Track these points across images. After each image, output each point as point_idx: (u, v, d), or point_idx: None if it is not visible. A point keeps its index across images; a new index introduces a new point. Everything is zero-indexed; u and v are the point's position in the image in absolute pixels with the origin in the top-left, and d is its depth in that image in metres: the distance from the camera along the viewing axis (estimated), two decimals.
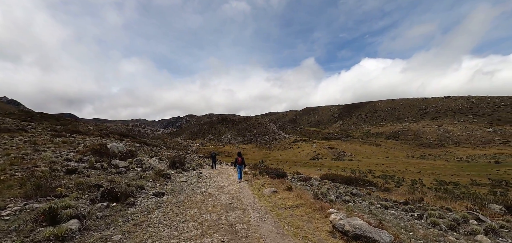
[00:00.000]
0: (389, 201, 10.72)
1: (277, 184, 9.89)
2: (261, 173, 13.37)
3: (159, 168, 11.73)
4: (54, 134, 27.19)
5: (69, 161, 11.41)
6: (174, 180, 9.68)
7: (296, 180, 14.60)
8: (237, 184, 10.65)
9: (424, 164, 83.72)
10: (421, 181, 49.88)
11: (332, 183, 20.36)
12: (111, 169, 10.34)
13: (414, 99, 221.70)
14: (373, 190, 15.13)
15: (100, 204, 5.39)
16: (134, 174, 9.90)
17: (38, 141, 18.76)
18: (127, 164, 11.40)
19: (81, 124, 58.20)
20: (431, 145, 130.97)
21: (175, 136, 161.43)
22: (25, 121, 39.38)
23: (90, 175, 9.24)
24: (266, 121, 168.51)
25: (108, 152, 12.75)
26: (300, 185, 12.46)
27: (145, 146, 34.39)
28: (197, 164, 19.02)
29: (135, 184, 7.24)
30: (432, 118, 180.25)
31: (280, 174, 12.44)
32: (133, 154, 14.76)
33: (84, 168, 10.25)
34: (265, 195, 7.72)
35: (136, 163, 12.48)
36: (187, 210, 5.83)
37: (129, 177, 9.03)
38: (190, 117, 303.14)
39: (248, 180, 11.76)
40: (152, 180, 8.66)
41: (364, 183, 20.28)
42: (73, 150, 14.79)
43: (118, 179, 8.58)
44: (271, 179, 11.70)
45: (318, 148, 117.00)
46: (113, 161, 11.39)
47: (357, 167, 73.54)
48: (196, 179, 10.95)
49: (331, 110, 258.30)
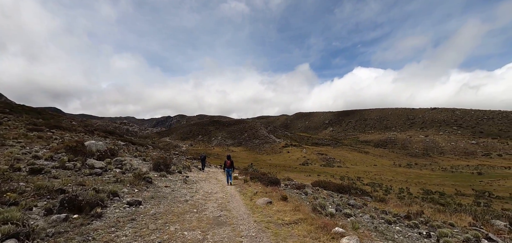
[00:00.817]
0: (389, 213, 10.04)
1: (270, 193, 9.00)
2: (252, 179, 12.46)
3: (140, 171, 10.61)
4: (31, 128, 25.39)
5: (38, 159, 10.14)
6: (155, 185, 8.61)
7: (289, 187, 13.76)
8: (227, 191, 9.70)
9: (410, 173, 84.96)
10: (408, 190, 50.23)
11: (325, 191, 19.66)
12: (84, 170, 9.16)
13: (402, 109, 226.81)
14: (368, 200, 14.48)
15: (57, 216, 4.34)
16: (111, 176, 8.78)
17: (10, 135, 17.17)
18: (104, 165, 10.23)
19: (65, 119, 55.59)
20: (417, 154, 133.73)
21: (165, 136, 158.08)
22: (3, 113, 36.98)
23: (58, 176, 8.08)
24: (257, 125, 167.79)
25: (85, 150, 11.52)
26: (294, 193, 11.64)
27: (131, 145, 32.84)
28: (184, 166, 17.87)
29: (108, 189, 6.18)
30: (419, 128, 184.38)
31: (273, 181, 11.59)
32: (114, 154, 13.53)
33: (53, 167, 9.05)
34: (259, 207, 6.81)
35: (115, 164, 11.30)
36: (166, 224, 4.83)
37: (104, 181, 7.92)
38: (180, 117, 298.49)
39: (239, 187, 10.81)
40: (129, 184, 7.58)
41: (357, 191, 19.69)
42: (46, 147, 13.44)
43: (90, 182, 7.47)
44: (264, 187, 10.81)
45: (308, 153, 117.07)
46: (88, 160, 10.20)
47: (346, 174, 73.67)
48: (181, 184, 9.90)
49: (322, 116, 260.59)
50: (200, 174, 16.63)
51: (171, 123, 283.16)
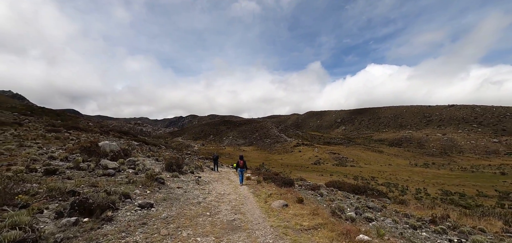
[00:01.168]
0: (411, 217, 9.45)
1: (285, 195, 8.64)
2: (266, 179, 12.14)
3: (153, 171, 10.52)
4: (49, 129, 26.14)
5: (53, 160, 10.25)
6: (168, 186, 8.45)
7: (303, 188, 13.33)
8: (240, 192, 9.42)
9: (427, 172, 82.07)
10: (425, 190, 48.43)
11: (340, 192, 19.06)
12: (98, 170, 9.15)
13: (417, 107, 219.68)
14: (386, 202, 13.82)
15: (67, 220, 4.18)
16: (124, 177, 8.70)
17: (29, 136, 17.64)
18: (117, 165, 10.20)
19: (82, 121, 57.32)
20: (435, 153, 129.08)
21: (177, 136, 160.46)
22: (24, 115, 38.44)
23: (72, 177, 8.06)
24: (268, 124, 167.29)
25: (99, 151, 11.58)
26: (309, 194, 11.22)
27: (144, 145, 33.27)
28: (196, 166, 17.77)
29: (120, 191, 6.03)
30: (436, 126, 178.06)
31: (287, 182, 11.22)
32: (127, 154, 13.57)
33: (68, 168, 9.08)
34: (274, 210, 6.47)
35: (128, 164, 11.28)
36: (178, 229, 4.59)
37: (116, 182, 7.82)
38: (192, 117, 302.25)
39: (252, 188, 10.51)
40: (142, 186, 7.44)
41: (373, 192, 18.95)
42: (62, 147, 13.66)
43: (103, 184, 7.38)
44: (278, 188, 10.46)
45: (320, 152, 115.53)
46: (102, 161, 10.21)
47: (360, 174, 72.02)
48: (193, 185, 9.72)
49: (334, 115, 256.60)
50: (212, 174, 16.47)
51: (183, 123, 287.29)
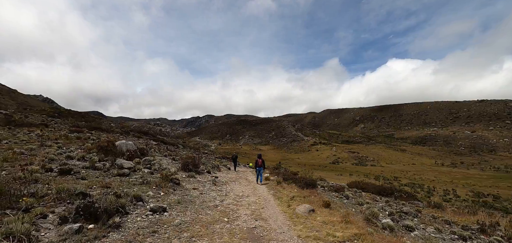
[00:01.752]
0: (453, 224, 8.34)
1: (309, 197, 7.88)
2: (286, 180, 11.41)
3: (168, 171, 10.14)
4: (73, 129, 26.89)
5: (70, 159, 10.15)
6: (183, 187, 7.96)
7: (326, 190, 12.44)
8: (259, 194, 8.78)
9: (456, 173, 77.34)
10: (454, 192, 45.47)
11: (363, 193, 17.89)
12: (113, 170, 8.87)
13: (443, 103, 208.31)
14: (419, 206, 12.61)
15: (69, 227, 3.72)
16: (138, 177, 8.33)
17: (52, 136, 18.08)
18: (133, 165, 9.91)
19: (104, 122, 59.42)
20: (463, 152, 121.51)
21: (194, 136, 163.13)
22: (52, 117, 40.21)
23: (86, 176, 7.80)
24: (284, 123, 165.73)
25: (115, 150, 11.41)
26: (334, 197, 10.35)
27: (162, 145, 33.56)
28: (213, 166, 17.35)
29: (132, 193, 5.58)
30: (464, 123, 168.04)
31: (309, 183, 10.42)
32: (144, 153, 13.37)
33: (83, 168, 8.87)
34: (300, 216, 5.75)
35: (144, 164, 10.98)
36: (192, 240, 4.00)
37: (130, 182, 7.44)
38: (209, 117, 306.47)
39: (272, 189, 9.82)
40: (156, 187, 6.98)
41: (401, 194, 17.58)
42: (81, 147, 13.72)
43: (116, 184, 7.02)
44: (300, 189, 9.71)
45: (338, 151, 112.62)
46: (118, 160, 9.97)
47: (381, 174, 69.19)
48: (210, 186, 9.19)
49: (352, 113, 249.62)
50: (229, 174, 15.97)
51: (200, 123, 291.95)
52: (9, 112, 38.48)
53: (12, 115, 35.05)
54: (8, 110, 41.48)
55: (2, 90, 74.26)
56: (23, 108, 49.77)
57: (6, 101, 60.27)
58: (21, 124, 27.19)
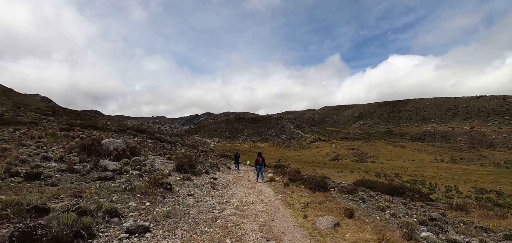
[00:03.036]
0: (489, 231, 7.14)
1: (325, 204, 6.62)
2: (293, 181, 10.14)
3: (161, 173, 8.86)
4: (64, 128, 25.46)
5: (47, 161, 8.83)
6: (176, 193, 6.65)
7: (337, 191, 11.19)
8: (266, 199, 7.50)
9: (456, 169, 76.70)
10: (456, 188, 44.63)
11: (372, 192, 16.70)
12: (94, 173, 7.56)
13: (442, 99, 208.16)
14: (439, 207, 11.40)
15: None
16: (123, 181, 7.03)
17: (36, 134, 16.71)
18: (119, 166, 8.60)
19: (101, 120, 57.80)
20: (462, 148, 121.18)
21: (193, 134, 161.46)
22: (46, 116, 38.62)
23: (58, 182, 6.49)
24: (284, 120, 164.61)
25: (101, 149, 10.09)
26: (348, 200, 9.10)
27: (159, 143, 32.23)
28: (211, 165, 16.05)
29: (106, 206, 4.28)
30: (463, 119, 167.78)
31: (320, 185, 9.14)
32: (135, 152, 12.04)
33: (59, 170, 7.55)
34: (323, 233, 4.47)
35: (133, 165, 9.67)
36: None
37: (111, 188, 6.14)
38: (207, 115, 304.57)
39: (280, 193, 8.53)
40: (140, 194, 5.68)
41: (413, 194, 16.38)
42: (65, 146, 12.38)
43: (92, 192, 5.73)
44: (311, 192, 8.46)
45: (338, 148, 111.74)
46: (101, 161, 8.66)
47: (382, 170, 68.31)
48: (208, 190, 7.88)
49: (351, 110, 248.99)
50: (229, 174, 14.69)
51: (199, 121, 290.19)
52: (1, 111, 36.93)
53: (4, 114, 33.50)
54: (0, 109, 39.95)
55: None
56: (17, 107, 48.12)
57: (2, 100, 58.52)
58: (9, 123, 25.70)
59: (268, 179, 11.50)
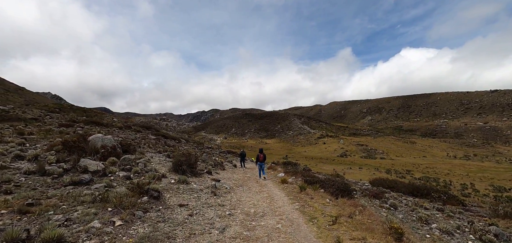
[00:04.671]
0: None
1: (357, 216, 5.05)
2: (309, 183, 8.53)
3: (153, 174, 7.42)
4: (64, 124, 24.43)
5: (19, 160, 7.51)
6: (165, 203, 5.16)
7: (360, 193, 9.54)
8: (279, 207, 5.97)
9: (470, 165, 73.60)
10: (473, 186, 42.27)
11: (393, 193, 14.98)
12: (67, 176, 6.17)
13: (454, 93, 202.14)
14: (481, 214, 9.67)
15: None
16: (101, 186, 5.60)
17: (26, 131, 15.60)
18: (102, 167, 7.20)
19: (107, 116, 57.16)
20: (476, 144, 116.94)
21: (200, 130, 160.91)
22: (52, 112, 37.90)
23: (17, 188, 5.12)
24: (290, 116, 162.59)
25: (86, 146, 8.73)
26: (379, 207, 7.49)
27: (162, 139, 31.12)
28: (215, 163, 14.57)
29: (51, 233, 2.83)
30: (476, 114, 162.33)
31: (342, 188, 7.52)
32: (128, 150, 10.66)
33: (27, 172, 6.20)
34: None
35: (122, 164, 8.26)
36: None
37: (80, 197, 4.71)
38: (214, 112, 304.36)
39: (296, 199, 6.94)
40: (114, 207, 4.21)
41: (440, 195, 14.59)
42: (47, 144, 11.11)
43: (50, 204, 4.30)
44: (332, 198, 6.90)
45: (346, 144, 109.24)
46: (82, 161, 7.28)
47: (392, 167, 65.97)
48: (207, 197, 6.38)
49: (359, 105, 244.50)
50: (235, 173, 13.20)
51: (206, 117, 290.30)
52: (8, 108, 36.35)
53: (10, 111, 32.87)
54: (6, 106, 39.44)
55: (10, 87, 72.97)
56: (25, 104, 47.77)
57: (14, 98, 58.50)
58: (9, 119, 24.83)
59: (279, 180, 9.97)
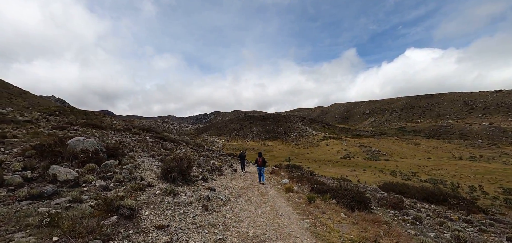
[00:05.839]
0: None
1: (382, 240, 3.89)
2: (318, 192, 7.30)
3: (136, 184, 6.29)
4: (58, 127, 23.42)
5: None
6: (138, 225, 4.02)
7: (375, 202, 8.34)
8: (286, 225, 4.82)
9: (477, 167, 71.78)
10: (481, 188, 40.78)
11: (406, 200, 13.73)
12: (25, 189, 5.05)
13: (457, 94, 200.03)
14: (501, 219, 8.41)
15: None
16: (64, 201, 4.49)
17: (11, 133, 14.60)
18: (76, 176, 6.09)
19: (107, 119, 56.20)
20: (481, 145, 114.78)
21: (202, 132, 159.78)
22: (52, 115, 36.94)
23: None
24: (293, 118, 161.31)
25: (62, 151, 7.64)
26: (401, 222, 6.31)
27: (161, 141, 30.10)
28: (213, 168, 13.39)
29: None
30: (480, 115, 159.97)
31: (357, 199, 6.35)
32: (115, 154, 9.54)
33: None
34: None
35: (100, 172, 7.14)
36: None
37: (26, 217, 3.60)
38: (216, 114, 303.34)
39: (304, 213, 5.75)
40: (61, 236, 3.09)
41: (458, 201, 13.31)
42: None
43: None
44: (348, 212, 5.74)
45: (349, 146, 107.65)
46: (53, 168, 6.19)
47: (397, 169, 64.44)
48: (196, 213, 5.20)
49: (362, 107, 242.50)
50: (234, 179, 12.03)
51: (207, 119, 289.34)
52: (6, 111, 35.49)
53: (8, 113, 32.03)
54: (6, 109, 38.59)
55: (14, 91, 72.88)
56: (26, 108, 46.97)
57: (18, 102, 57.91)
58: (1, 121, 23.91)
59: (283, 188, 8.81)
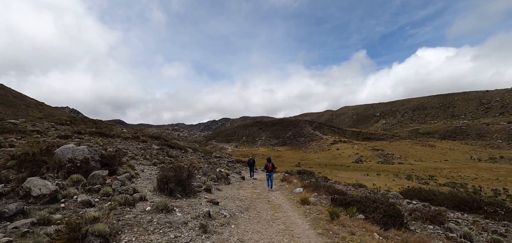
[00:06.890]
0: None
1: None
2: (339, 203, 6.10)
3: (125, 198, 5.31)
4: (62, 136, 22.98)
5: None
6: None
7: (407, 215, 7.04)
8: None
9: (498, 168, 68.01)
10: (506, 191, 38.20)
11: (432, 207, 12.22)
12: None
13: (472, 93, 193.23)
14: None
15: None
16: (26, 224, 3.55)
17: (6, 143, 14.11)
18: (54, 190, 5.14)
19: (117, 128, 56.34)
20: (501, 145, 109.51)
21: (211, 139, 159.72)
22: (61, 124, 36.96)
23: None
24: (301, 122, 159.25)
25: (48, 160, 6.78)
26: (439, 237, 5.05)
27: (167, 149, 29.42)
28: (218, 176, 12.31)
29: None
30: (498, 114, 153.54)
31: (390, 213, 5.15)
32: (110, 163, 8.63)
33: None
34: None
35: (87, 185, 6.19)
36: None
37: None
38: (224, 120, 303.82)
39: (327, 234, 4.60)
40: None
41: (496, 209, 11.72)
42: None
43: None
44: (381, 230, 4.55)
45: (361, 149, 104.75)
46: (29, 180, 5.29)
47: (412, 172, 61.70)
48: (192, 237, 4.14)
49: (372, 109, 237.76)
50: (242, 189, 10.92)
51: (216, 126, 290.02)
52: (19, 121, 35.78)
53: (19, 124, 32.20)
54: (18, 119, 39.01)
55: (31, 103, 75.65)
56: (39, 118, 47.65)
57: (34, 113, 59.42)
58: (8, 131, 23.70)
59: (298, 199, 7.65)
